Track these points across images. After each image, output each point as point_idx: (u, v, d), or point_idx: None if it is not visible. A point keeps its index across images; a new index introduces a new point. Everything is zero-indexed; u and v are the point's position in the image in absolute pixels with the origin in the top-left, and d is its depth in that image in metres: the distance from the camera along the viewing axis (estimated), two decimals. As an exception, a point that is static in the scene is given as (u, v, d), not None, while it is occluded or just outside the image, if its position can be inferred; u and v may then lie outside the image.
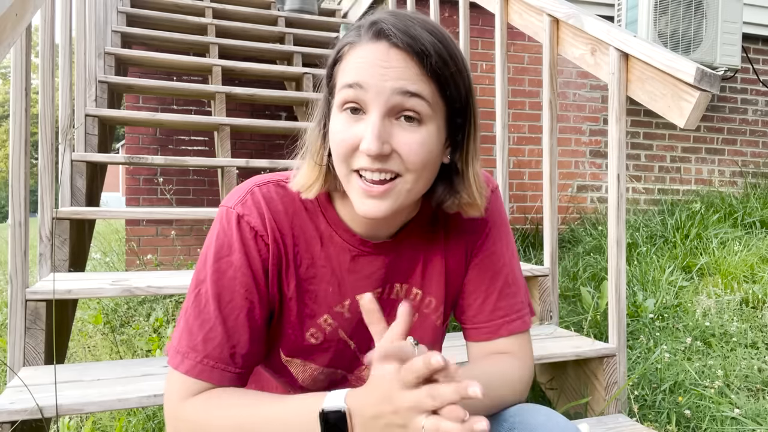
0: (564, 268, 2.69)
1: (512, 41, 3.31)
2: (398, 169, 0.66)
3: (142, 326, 2.52)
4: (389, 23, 0.65)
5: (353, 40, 0.68)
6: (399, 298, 0.82)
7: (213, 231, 0.75)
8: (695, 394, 1.59)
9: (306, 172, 0.74)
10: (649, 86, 1.43)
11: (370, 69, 0.65)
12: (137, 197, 3.88)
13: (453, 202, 0.74)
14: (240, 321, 0.72)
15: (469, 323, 0.84)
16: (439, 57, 0.65)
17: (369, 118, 0.65)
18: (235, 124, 2.72)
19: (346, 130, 0.67)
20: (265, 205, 0.74)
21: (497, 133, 2.00)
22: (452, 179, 0.73)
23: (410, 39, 0.64)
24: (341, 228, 0.77)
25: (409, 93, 0.64)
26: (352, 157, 0.67)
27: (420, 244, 0.81)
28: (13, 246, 1.36)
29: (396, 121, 0.66)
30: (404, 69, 0.64)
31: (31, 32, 1.41)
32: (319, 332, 0.79)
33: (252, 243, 0.73)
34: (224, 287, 0.72)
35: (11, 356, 1.35)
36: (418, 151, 0.66)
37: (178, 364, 0.71)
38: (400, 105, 0.65)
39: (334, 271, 0.78)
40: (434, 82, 0.66)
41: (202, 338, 0.71)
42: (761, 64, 3.90)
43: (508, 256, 0.85)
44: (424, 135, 0.66)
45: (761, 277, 2.27)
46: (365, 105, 0.66)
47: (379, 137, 0.64)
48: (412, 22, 0.66)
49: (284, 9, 4.03)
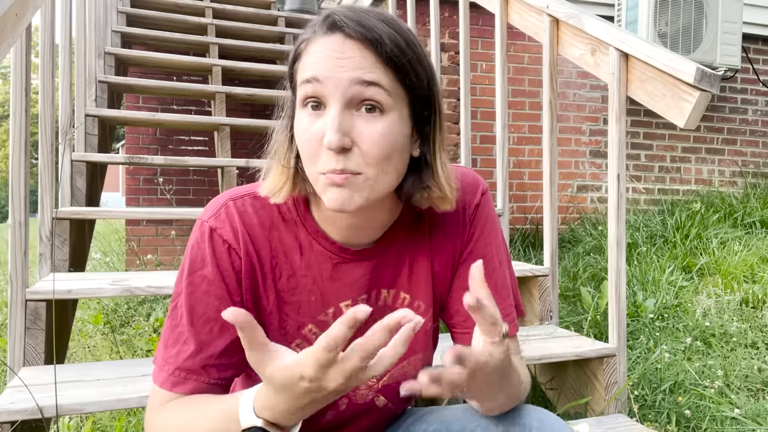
0: (564, 268, 2.69)
1: (512, 41, 3.31)
2: (357, 167, 0.65)
3: (142, 326, 2.52)
4: (342, 15, 0.65)
5: (309, 36, 0.67)
6: (387, 304, 0.81)
7: (189, 244, 0.75)
8: (695, 394, 1.59)
9: (274, 176, 0.73)
10: (649, 86, 1.43)
11: (326, 62, 0.64)
12: (137, 197, 3.88)
13: (422, 196, 0.72)
14: (214, 334, 0.72)
15: (459, 327, 0.83)
16: (395, 44, 0.65)
17: (329, 112, 0.65)
18: (235, 124, 2.73)
19: (309, 127, 0.66)
20: (239, 218, 0.74)
21: (497, 133, 2.00)
22: (421, 172, 0.72)
23: (364, 29, 0.64)
24: (320, 236, 0.76)
25: (366, 82, 0.64)
26: (318, 157, 0.66)
27: (404, 247, 0.80)
28: (13, 246, 1.36)
29: (356, 112, 0.65)
30: (360, 59, 0.64)
31: (31, 32, 1.41)
32: (304, 342, 0.78)
33: (225, 256, 0.73)
34: (197, 301, 0.72)
35: (11, 356, 1.35)
36: (379, 141, 0.65)
37: (155, 377, 0.73)
38: (359, 95, 0.64)
39: (316, 280, 0.77)
40: (391, 69, 0.65)
41: (176, 351, 0.72)
42: (761, 64, 3.90)
43: (498, 260, 0.84)
44: (385, 125, 0.65)
45: (761, 277, 2.27)
46: (325, 99, 0.65)
47: (339, 129, 0.63)
48: (366, 13, 0.66)
49: (284, 9, 4.03)
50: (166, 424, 0.71)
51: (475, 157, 3.28)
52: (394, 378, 0.84)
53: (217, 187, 3.85)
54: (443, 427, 0.80)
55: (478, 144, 3.31)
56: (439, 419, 0.83)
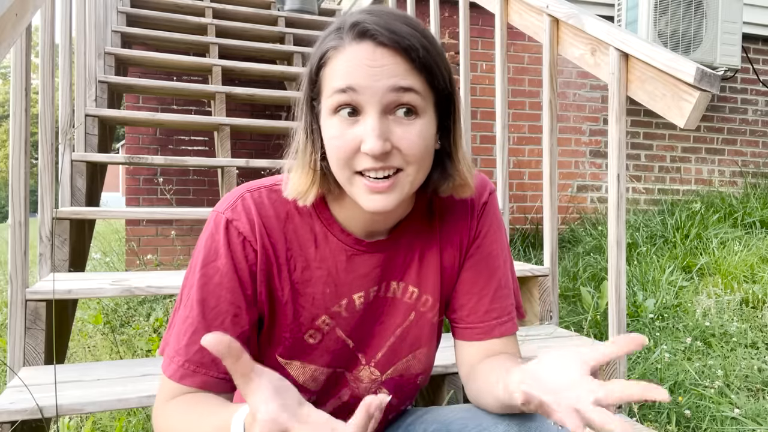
0: (564, 268, 2.69)
1: (512, 41, 3.31)
2: (399, 164, 0.67)
3: (142, 326, 2.52)
4: (371, 22, 0.65)
5: (336, 44, 0.67)
6: (396, 296, 0.82)
7: (203, 235, 0.75)
8: (695, 394, 1.59)
9: (299, 179, 0.73)
10: (649, 86, 1.43)
11: (360, 71, 0.65)
12: (137, 197, 3.88)
13: (447, 186, 0.75)
14: (225, 326, 0.72)
15: (461, 323, 0.84)
16: (424, 48, 0.66)
17: (366, 120, 0.66)
18: (235, 124, 2.72)
19: (343, 134, 0.67)
20: (256, 210, 0.74)
21: (497, 133, 2.00)
22: (444, 163, 0.74)
23: (395, 35, 0.65)
24: (336, 228, 0.77)
25: (402, 89, 0.65)
26: (354, 159, 0.67)
27: (415, 240, 0.81)
28: (13, 246, 1.36)
29: (392, 116, 0.67)
30: (394, 66, 0.65)
31: (31, 32, 1.41)
32: (317, 333, 0.79)
33: (239, 248, 0.73)
34: (210, 292, 0.72)
35: (11, 356, 1.35)
36: (417, 143, 0.67)
37: (165, 368, 0.73)
38: (396, 101, 0.66)
39: (330, 272, 0.77)
40: (423, 73, 0.67)
41: (186, 342, 0.72)
42: (761, 64, 3.90)
43: (502, 259, 0.85)
44: (420, 127, 0.67)
45: (761, 277, 2.27)
46: (360, 106, 0.66)
47: (381, 136, 0.65)
48: (391, 18, 0.67)
49: (284, 9, 4.03)
50: (171, 426, 0.71)
51: (475, 157, 3.28)
52: (398, 372, 0.84)
53: (217, 187, 3.85)
54: (443, 427, 0.81)
55: (478, 144, 3.31)
56: (439, 419, 0.83)
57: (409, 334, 0.83)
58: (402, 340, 0.83)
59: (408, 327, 0.83)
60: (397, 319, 0.82)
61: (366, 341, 0.82)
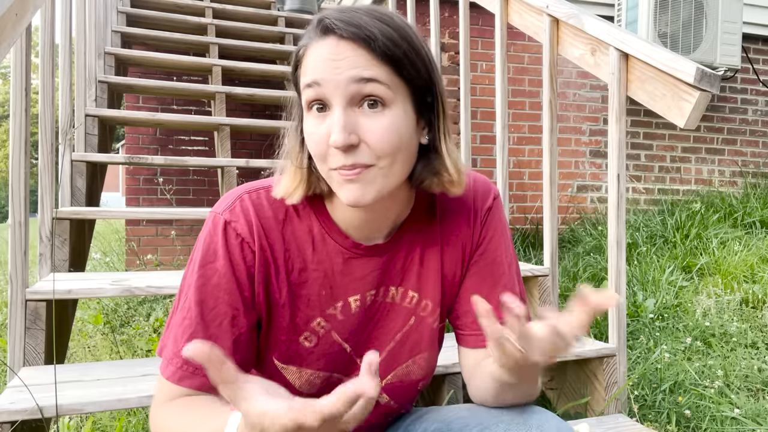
0: (564, 268, 2.69)
1: (512, 41, 3.31)
2: (368, 160, 0.67)
3: (142, 326, 2.52)
4: (333, 17, 0.66)
5: (306, 42, 0.69)
6: (395, 301, 0.81)
7: (201, 236, 0.75)
8: (695, 394, 1.59)
9: (288, 178, 0.74)
10: (649, 86, 1.43)
11: (323, 65, 0.66)
12: (137, 197, 3.88)
13: (433, 181, 0.74)
14: (223, 328, 0.72)
15: (466, 329, 0.84)
16: (387, 39, 0.66)
17: (333, 113, 0.66)
18: (235, 124, 2.72)
19: (317, 129, 0.68)
20: (254, 211, 0.74)
21: (497, 133, 2.00)
22: (429, 158, 0.74)
23: (354, 27, 0.65)
24: (334, 231, 0.77)
25: (364, 79, 0.65)
26: (328, 156, 0.68)
27: (416, 245, 0.81)
28: (13, 246, 1.36)
29: (359, 109, 0.67)
30: (354, 57, 0.65)
31: (31, 32, 1.41)
32: (313, 335, 0.78)
33: (237, 250, 0.73)
34: (208, 294, 0.72)
35: (11, 356, 1.35)
36: (384, 135, 0.66)
37: (163, 370, 0.73)
38: (359, 92, 0.66)
39: (327, 274, 0.77)
40: (387, 63, 0.66)
41: (185, 344, 0.71)
42: (761, 64, 3.90)
43: (507, 264, 0.85)
44: (389, 118, 0.67)
45: (761, 277, 2.27)
46: (327, 100, 0.67)
47: (344, 128, 0.65)
48: (356, 12, 0.67)
49: (284, 9, 4.03)
50: (169, 427, 0.71)
51: (475, 157, 3.28)
52: (398, 377, 0.84)
53: (217, 187, 3.86)
54: (444, 426, 0.81)
55: (478, 144, 3.31)
56: (440, 418, 0.83)
57: (408, 339, 0.83)
58: (401, 345, 0.82)
59: (408, 332, 0.82)
60: (397, 324, 0.82)
61: (364, 346, 0.81)
